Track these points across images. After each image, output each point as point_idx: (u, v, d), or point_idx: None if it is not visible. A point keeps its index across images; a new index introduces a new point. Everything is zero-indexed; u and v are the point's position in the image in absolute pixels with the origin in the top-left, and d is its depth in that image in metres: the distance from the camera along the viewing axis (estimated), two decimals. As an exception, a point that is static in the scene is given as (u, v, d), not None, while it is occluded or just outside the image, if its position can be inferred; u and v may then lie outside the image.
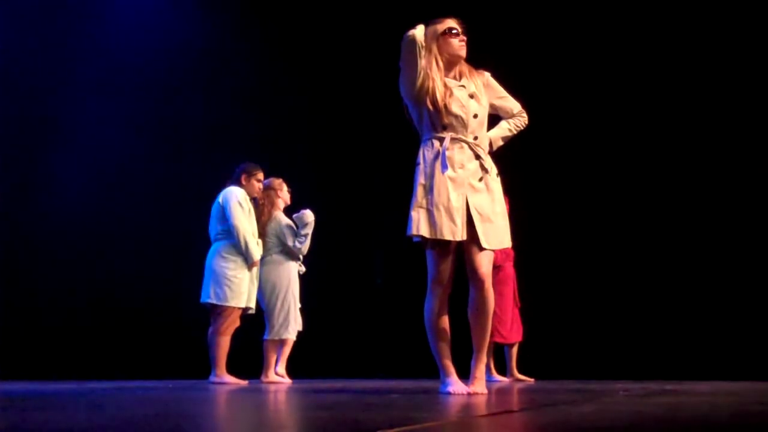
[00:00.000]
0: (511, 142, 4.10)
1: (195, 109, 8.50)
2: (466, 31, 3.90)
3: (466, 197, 3.72)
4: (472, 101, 3.85)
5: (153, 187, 8.06)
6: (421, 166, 3.80)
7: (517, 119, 4.08)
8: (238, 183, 6.19)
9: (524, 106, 4.08)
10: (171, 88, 8.30)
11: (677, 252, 7.50)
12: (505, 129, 4.07)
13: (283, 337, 6.29)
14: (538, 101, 5.79)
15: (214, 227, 6.14)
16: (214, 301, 5.97)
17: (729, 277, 7.24)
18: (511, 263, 7.01)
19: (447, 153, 3.74)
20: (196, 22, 8.57)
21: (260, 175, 6.28)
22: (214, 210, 6.15)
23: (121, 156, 8.03)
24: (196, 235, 6.56)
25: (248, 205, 6.12)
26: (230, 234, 6.00)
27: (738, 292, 7.21)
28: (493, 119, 4.04)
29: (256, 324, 6.40)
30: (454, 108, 3.79)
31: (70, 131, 7.89)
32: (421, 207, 3.74)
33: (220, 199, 6.12)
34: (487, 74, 4.01)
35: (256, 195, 6.29)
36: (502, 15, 7.90)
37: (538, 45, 7.96)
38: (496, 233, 3.77)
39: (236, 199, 6.04)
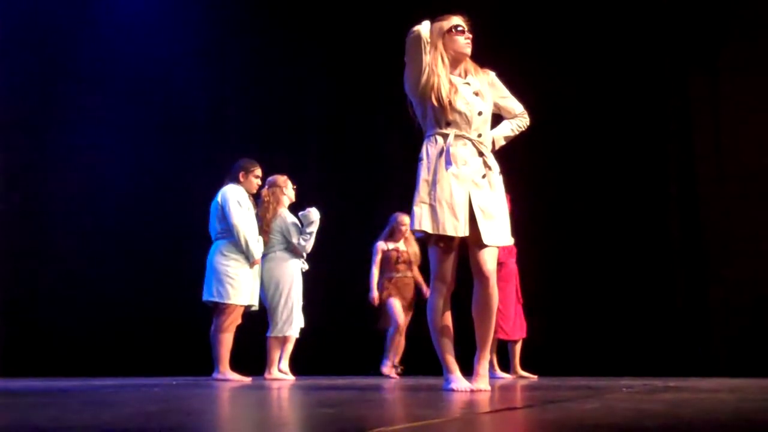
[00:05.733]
0: (514, 140, 4.12)
1: (197, 106, 8.51)
2: (472, 29, 3.91)
3: (468, 194, 3.73)
4: (477, 99, 3.86)
5: (155, 185, 8.07)
6: (425, 162, 3.81)
7: (519, 119, 4.11)
8: (236, 180, 6.17)
9: (526, 106, 4.10)
10: (172, 85, 8.31)
11: (681, 250, 7.49)
12: (507, 129, 4.09)
13: (287, 334, 6.29)
14: (541, 100, 5.79)
15: (214, 226, 6.13)
16: (216, 299, 5.97)
17: (732, 275, 7.22)
18: (514, 260, 7.02)
19: (451, 149, 3.75)
20: (198, 20, 8.57)
21: (258, 171, 6.25)
22: (213, 209, 6.14)
23: (122, 154, 8.04)
24: (198, 233, 6.56)
25: (247, 203, 6.11)
26: (230, 232, 6.00)
27: (741, 291, 7.20)
28: (496, 119, 4.06)
29: (259, 321, 6.41)
30: (459, 105, 3.79)
31: (71, 131, 7.91)
32: (423, 202, 3.74)
33: (218, 197, 6.11)
34: (492, 73, 4.02)
35: (254, 191, 6.28)
36: (506, 14, 7.89)
37: (540, 46, 7.94)
38: (498, 230, 3.78)
39: (234, 198, 6.03)
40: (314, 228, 6.34)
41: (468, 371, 3.86)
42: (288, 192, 6.53)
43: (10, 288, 7.55)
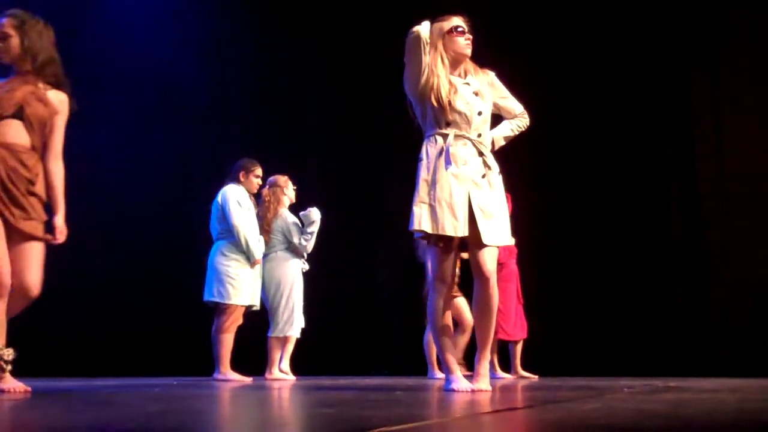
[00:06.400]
0: (515, 139, 4.13)
1: (197, 106, 8.50)
2: (473, 30, 3.91)
3: (468, 193, 3.73)
4: (477, 99, 3.87)
5: (156, 186, 8.07)
6: (424, 162, 3.81)
7: (519, 120, 4.11)
8: (237, 180, 6.17)
9: (526, 106, 4.11)
10: (172, 85, 8.30)
11: (681, 250, 7.48)
12: (507, 129, 4.10)
13: (287, 334, 6.30)
14: (541, 100, 5.78)
15: (214, 226, 6.14)
16: (217, 300, 5.98)
17: (733, 275, 7.22)
18: (515, 260, 7.02)
19: (450, 149, 3.75)
20: (198, 20, 8.57)
21: (258, 171, 6.25)
22: (214, 209, 6.14)
23: (122, 155, 8.03)
24: (199, 233, 6.56)
25: (248, 203, 6.11)
26: (231, 233, 6.00)
27: (741, 291, 7.19)
28: (495, 120, 4.07)
29: (260, 321, 6.41)
30: (459, 105, 3.80)
31: (70, 131, 7.89)
32: (423, 202, 3.75)
33: (219, 198, 6.11)
34: (492, 74, 4.03)
35: (255, 191, 6.28)
36: (505, 14, 7.89)
37: (541, 47, 7.94)
38: (498, 230, 3.78)
39: (235, 198, 6.03)
40: (315, 228, 6.35)
41: (468, 371, 3.86)
42: (288, 192, 6.54)
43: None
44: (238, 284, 5.98)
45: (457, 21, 3.90)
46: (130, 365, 7.44)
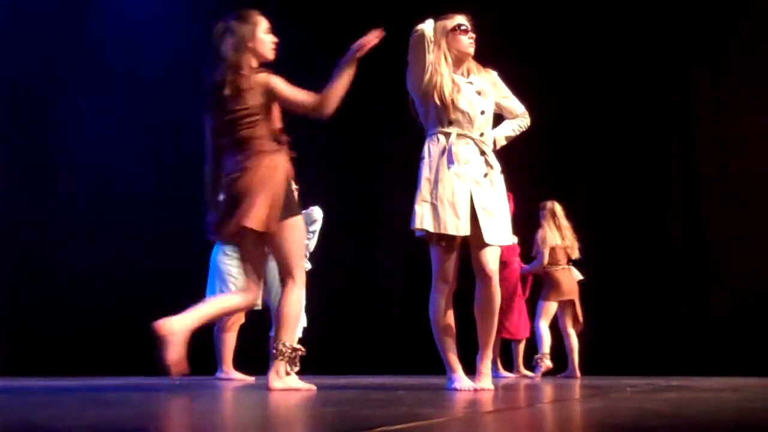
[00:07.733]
0: (516, 139, 4.13)
1: (198, 106, 8.49)
2: (476, 29, 3.91)
3: (470, 192, 3.72)
4: (479, 98, 3.86)
5: (157, 185, 8.06)
6: (426, 161, 3.81)
7: (520, 120, 4.11)
8: (237, 179, 6.16)
9: (527, 105, 4.11)
10: (173, 84, 8.29)
11: (683, 249, 7.47)
12: (508, 129, 4.10)
13: (289, 333, 6.28)
14: (542, 99, 5.77)
15: (216, 225, 6.13)
16: (218, 299, 5.97)
17: (735, 274, 7.21)
18: (518, 259, 7.01)
19: (453, 148, 3.75)
20: (199, 19, 8.56)
21: None
22: (215, 209, 6.13)
23: (123, 153, 8.03)
24: (201, 232, 6.54)
25: (249, 203, 6.10)
26: (232, 232, 6.00)
27: (743, 290, 7.18)
28: (497, 119, 4.07)
29: (262, 321, 6.40)
30: (462, 104, 3.79)
31: (70, 130, 7.90)
32: (425, 201, 3.74)
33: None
34: (494, 73, 4.03)
35: None
36: (507, 13, 7.88)
37: (542, 46, 7.93)
38: (499, 229, 3.78)
39: None
40: (317, 227, 6.34)
41: (471, 370, 3.86)
42: (290, 192, 6.52)
43: (11, 287, 7.55)
44: (240, 283, 5.97)
45: (460, 19, 3.90)
46: (131, 365, 7.44)
